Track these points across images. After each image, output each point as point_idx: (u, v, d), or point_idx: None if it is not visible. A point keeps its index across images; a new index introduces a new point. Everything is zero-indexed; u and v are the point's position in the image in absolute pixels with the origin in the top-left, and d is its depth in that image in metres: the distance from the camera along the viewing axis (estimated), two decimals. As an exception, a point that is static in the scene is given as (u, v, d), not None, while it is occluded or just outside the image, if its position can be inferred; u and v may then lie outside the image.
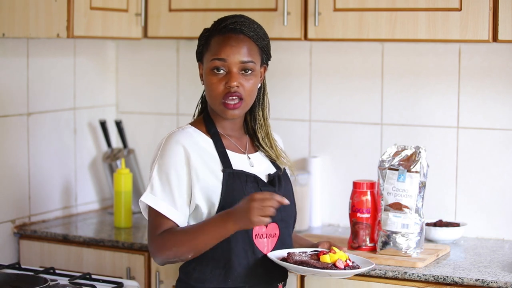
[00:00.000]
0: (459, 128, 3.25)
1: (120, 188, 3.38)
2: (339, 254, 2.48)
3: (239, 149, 2.59)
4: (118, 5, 3.26)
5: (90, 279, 2.85)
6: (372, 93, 3.37)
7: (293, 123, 3.50)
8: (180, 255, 2.44)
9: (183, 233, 2.43)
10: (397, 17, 2.96)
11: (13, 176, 3.32)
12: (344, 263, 2.46)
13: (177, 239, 2.43)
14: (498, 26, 2.82)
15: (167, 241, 2.43)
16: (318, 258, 2.48)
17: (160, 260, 2.48)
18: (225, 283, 2.49)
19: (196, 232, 2.42)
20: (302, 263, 2.45)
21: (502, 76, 3.18)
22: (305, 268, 2.44)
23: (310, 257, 2.49)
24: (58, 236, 3.27)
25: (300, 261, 2.46)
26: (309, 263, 2.45)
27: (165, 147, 2.49)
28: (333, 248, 2.52)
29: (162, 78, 3.75)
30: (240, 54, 2.49)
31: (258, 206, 2.33)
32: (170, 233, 2.44)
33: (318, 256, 2.48)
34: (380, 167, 2.92)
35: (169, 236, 2.44)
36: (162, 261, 2.48)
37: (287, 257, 2.49)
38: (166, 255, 2.44)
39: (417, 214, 2.86)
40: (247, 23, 2.54)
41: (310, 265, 2.44)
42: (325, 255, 2.47)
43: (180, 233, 2.44)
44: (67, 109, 3.58)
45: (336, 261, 2.45)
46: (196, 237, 2.41)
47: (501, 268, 2.79)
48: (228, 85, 2.48)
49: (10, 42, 3.28)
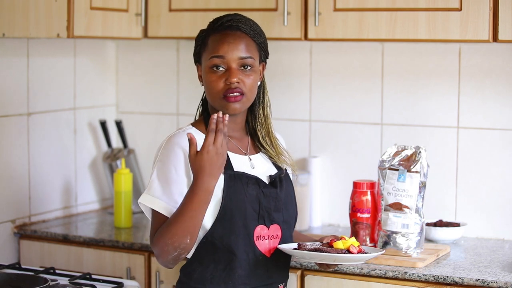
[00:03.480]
0: (459, 128, 3.25)
1: (120, 188, 3.38)
2: (351, 241, 2.48)
3: (240, 150, 2.58)
4: (118, 5, 3.26)
5: (90, 279, 2.85)
6: (372, 93, 3.37)
7: (293, 123, 3.50)
8: (178, 244, 2.39)
9: (171, 223, 2.40)
10: (397, 17, 2.96)
11: (13, 176, 3.33)
12: (357, 249, 2.46)
13: (169, 230, 2.40)
14: (498, 26, 2.82)
15: (162, 236, 2.41)
16: (329, 246, 2.47)
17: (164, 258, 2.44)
18: (226, 285, 2.49)
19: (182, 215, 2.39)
20: (316, 251, 2.45)
21: (502, 76, 3.18)
22: (321, 254, 2.43)
23: (321, 245, 2.49)
24: (58, 236, 3.27)
25: (314, 249, 2.46)
26: (323, 250, 2.44)
27: (165, 149, 2.49)
28: (343, 236, 2.52)
29: (162, 78, 3.75)
30: (238, 50, 2.49)
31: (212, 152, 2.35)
32: (162, 228, 2.43)
33: (330, 244, 2.49)
34: (380, 167, 2.92)
35: (162, 231, 2.42)
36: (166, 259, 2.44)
37: (299, 247, 2.48)
38: (167, 251, 2.41)
39: (417, 214, 2.86)
40: (243, 20, 2.54)
41: (325, 252, 2.44)
42: (338, 241, 2.47)
43: (169, 224, 2.41)
44: (67, 109, 3.58)
45: (349, 247, 2.45)
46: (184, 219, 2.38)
47: (501, 268, 2.79)
48: (229, 82, 2.47)
49: (10, 42, 3.28)
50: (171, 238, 2.39)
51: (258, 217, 2.50)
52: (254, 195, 2.50)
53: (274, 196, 2.54)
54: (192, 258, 2.51)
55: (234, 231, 2.47)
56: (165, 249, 2.41)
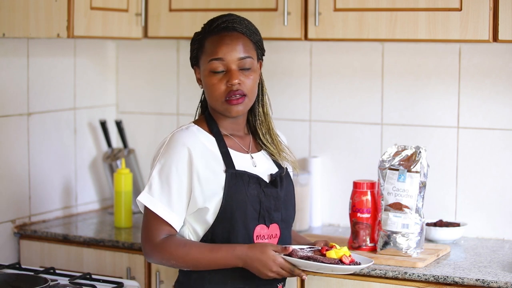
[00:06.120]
0: (459, 128, 3.25)
1: (120, 188, 3.38)
2: (343, 250, 2.48)
3: (242, 149, 2.58)
4: (118, 5, 3.26)
5: (90, 279, 2.85)
6: (372, 93, 3.37)
7: (293, 123, 3.50)
8: (178, 266, 2.48)
9: (186, 251, 2.43)
10: (397, 17, 2.96)
11: (13, 176, 3.32)
12: (349, 259, 2.45)
13: (179, 255, 2.43)
14: (498, 26, 2.82)
15: (167, 253, 2.44)
16: (321, 254, 2.47)
17: (154, 262, 2.51)
18: (224, 284, 2.49)
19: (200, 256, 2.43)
20: (309, 258, 2.44)
21: (502, 76, 3.18)
22: (314, 263, 2.42)
23: (313, 253, 2.49)
24: (58, 236, 3.27)
25: (307, 257, 2.45)
26: (317, 259, 2.44)
27: (168, 146, 2.48)
28: (334, 244, 2.51)
29: (162, 78, 3.75)
30: (237, 51, 2.49)
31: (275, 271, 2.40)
32: (171, 244, 2.44)
33: (322, 252, 2.48)
34: (380, 167, 2.92)
35: (170, 248, 2.44)
36: (156, 262, 2.51)
37: (292, 253, 2.48)
38: (161, 262, 2.48)
39: (417, 214, 2.86)
40: (238, 20, 2.54)
41: (318, 261, 2.43)
42: (330, 250, 2.46)
43: (183, 248, 2.44)
44: (67, 109, 3.58)
45: (342, 257, 2.45)
46: (199, 261, 2.43)
47: (501, 268, 2.79)
48: (230, 84, 2.47)
49: (10, 42, 3.28)
50: (176, 260, 2.45)
51: (258, 216, 2.50)
52: (255, 195, 2.50)
53: (274, 196, 2.54)
54: (191, 258, 2.52)
55: (234, 230, 2.47)
56: (162, 262, 2.48)
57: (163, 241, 2.45)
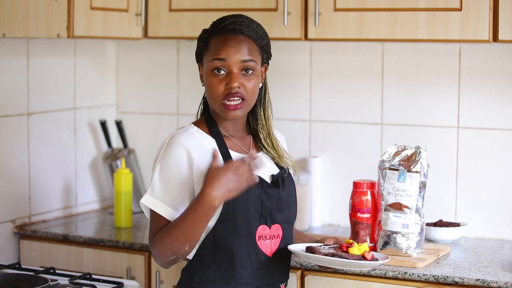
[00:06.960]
0: (459, 128, 3.25)
1: (120, 188, 3.38)
2: (364, 246, 2.49)
3: (242, 150, 2.58)
4: (118, 5, 3.26)
5: (90, 279, 2.85)
6: (372, 93, 3.37)
7: (293, 123, 3.50)
8: (177, 250, 2.41)
9: (172, 228, 2.41)
10: (397, 17, 2.96)
11: (13, 176, 3.32)
12: (370, 255, 2.47)
13: (170, 235, 2.41)
14: (498, 26, 2.82)
15: (162, 240, 2.42)
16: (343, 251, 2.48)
17: (161, 260, 2.46)
18: (227, 285, 2.49)
19: (183, 223, 2.39)
20: (333, 256, 2.45)
21: (502, 76, 3.18)
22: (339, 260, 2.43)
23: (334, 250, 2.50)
24: (58, 236, 3.27)
25: (331, 254, 2.46)
26: (341, 255, 2.45)
27: (168, 148, 2.48)
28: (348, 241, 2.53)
29: (162, 78, 3.75)
30: (240, 54, 2.48)
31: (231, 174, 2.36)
32: (162, 231, 2.43)
33: (342, 249, 2.49)
34: (380, 167, 2.92)
35: (162, 235, 2.42)
36: (163, 261, 2.46)
37: (313, 251, 2.48)
38: (165, 254, 2.43)
39: (417, 214, 2.86)
40: (246, 22, 2.52)
41: (343, 257, 2.45)
42: (353, 247, 2.48)
43: (170, 228, 2.42)
44: (67, 109, 3.58)
45: (364, 253, 2.47)
46: (185, 228, 2.39)
47: (501, 268, 2.79)
48: (229, 86, 2.46)
49: (10, 42, 3.28)
50: (170, 243, 2.40)
51: (260, 217, 2.50)
52: (256, 195, 2.49)
53: (276, 196, 2.54)
54: (193, 258, 2.51)
55: (236, 231, 2.47)
56: (163, 253, 2.42)
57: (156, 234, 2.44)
